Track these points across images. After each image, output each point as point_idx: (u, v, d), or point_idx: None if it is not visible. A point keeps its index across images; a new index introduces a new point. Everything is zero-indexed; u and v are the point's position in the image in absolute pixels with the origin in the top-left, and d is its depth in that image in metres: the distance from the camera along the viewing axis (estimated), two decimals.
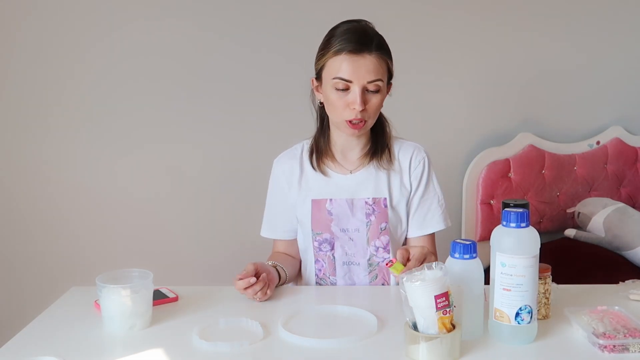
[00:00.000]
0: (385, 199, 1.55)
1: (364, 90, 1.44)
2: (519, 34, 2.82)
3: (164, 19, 2.44)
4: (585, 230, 2.70)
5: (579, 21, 2.88)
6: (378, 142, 1.58)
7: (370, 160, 1.57)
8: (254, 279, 1.37)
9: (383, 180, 1.57)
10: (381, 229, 1.55)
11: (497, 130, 2.85)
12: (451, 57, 2.75)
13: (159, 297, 1.43)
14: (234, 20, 2.49)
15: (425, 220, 1.60)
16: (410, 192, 1.59)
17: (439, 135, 2.74)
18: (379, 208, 1.55)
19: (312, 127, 1.64)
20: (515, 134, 2.83)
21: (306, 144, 1.63)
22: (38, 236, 2.45)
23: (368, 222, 1.55)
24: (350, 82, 1.43)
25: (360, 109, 1.43)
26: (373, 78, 1.44)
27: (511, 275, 1.16)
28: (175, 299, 1.45)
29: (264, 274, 1.41)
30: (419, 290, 1.09)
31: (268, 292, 1.41)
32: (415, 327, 1.13)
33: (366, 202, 1.55)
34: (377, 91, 1.46)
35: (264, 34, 2.52)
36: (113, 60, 2.42)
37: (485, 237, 2.67)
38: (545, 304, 1.30)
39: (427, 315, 1.10)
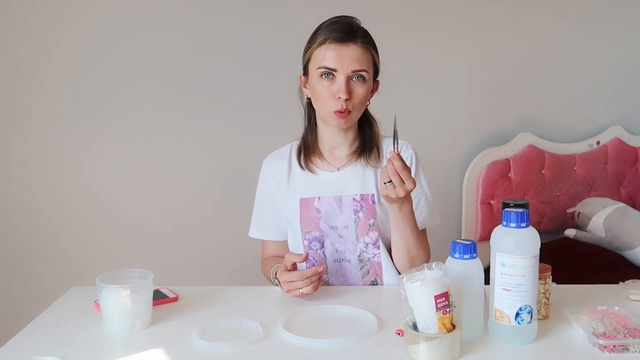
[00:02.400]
0: (372, 195, 1.56)
1: (349, 80, 1.45)
2: (519, 34, 2.82)
3: (161, 17, 2.44)
4: (585, 230, 2.70)
5: (579, 21, 2.88)
6: (366, 140, 1.59)
7: (358, 158, 1.58)
8: (322, 268, 1.40)
9: (370, 177, 1.57)
10: (369, 225, 1.55)
11: (497, 130, 2.85)
12: (451, 57, 2.75)
13: (159, 297, 1.43)
14: (231, 21, 2.49)
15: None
16: None
17: (439, 136, 2.74)
18: (367, 204, 1.55)
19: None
20: (515, 134, 2.83)
21: (295, 144, 1.64)
22: (38, 236, 2.44)
23: (356, 218, 1.55)
24: (335, 70, 1.45)
25: (345, 97, 1.44)
26: (358, 67, 1.45)
27: (511, 275, 1.16)
28: (175, 299, 1.45)
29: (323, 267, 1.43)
30: (419, 290, 1.09)
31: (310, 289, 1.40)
32: (415, 327, 1.13)
33: (354, 199, 1.55)
34: (362, 81, 1.46)
35: (262, 33, 2.52)
36: (111, 60, 2.41)
37: (485, 237, 2.67)
38: (545, 304, 1.30)
39: (427, 315, 1.10)
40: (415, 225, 1.48)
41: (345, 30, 1.45)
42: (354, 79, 1.46)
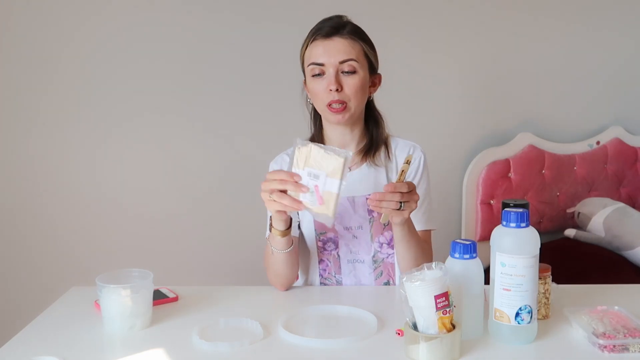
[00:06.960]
0: None
1: (338, 73, 1.45)
2: (519, 34, 2.82)
3: (166, 19, 2.43)
4: (585, 230, 2.70)
5: (579, 21, 2.88)
6: (373, 138, 1.58)
7: (367, 157, 1.57)
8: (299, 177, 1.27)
9: (382, 177, 1.56)
10: (384, 224, 1.54)
11: (497, 130, 2.85)
12: (451, 57, 2.75)
13: (159, 297, 1.43)
14: (235, 23, 2.48)
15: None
16: None
17: (439, 136, 2.74)
18: None
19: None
20: (515, 134, 2.83)
21: None
22: (38, 236, 2.44)
23: (371, 218, 1.55)
24: (322, 65, 1.46)
25: (335, 88, 1.44)
26: (345, 57, 1.45)
27: (511, 275, 1.16)
28: (175, 299, 1.45)
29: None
30: (419, 290, 1.09)
31: (289, 203, 1.28)
32: (415, 327, 1.13)
33: (367, 199, 1.54)
34: (353, 72, 1.46)
35: (269, 33, 2.52)
36: (115, 62, 2.41)
37: (485, 237, 2.67)
38: (545, 304, 1.30)
39: (427, 315, 1.10)
40: (418, 237, 1.48)
41: (331, 25, 1.47)
42: (344, 72, 1.46)
